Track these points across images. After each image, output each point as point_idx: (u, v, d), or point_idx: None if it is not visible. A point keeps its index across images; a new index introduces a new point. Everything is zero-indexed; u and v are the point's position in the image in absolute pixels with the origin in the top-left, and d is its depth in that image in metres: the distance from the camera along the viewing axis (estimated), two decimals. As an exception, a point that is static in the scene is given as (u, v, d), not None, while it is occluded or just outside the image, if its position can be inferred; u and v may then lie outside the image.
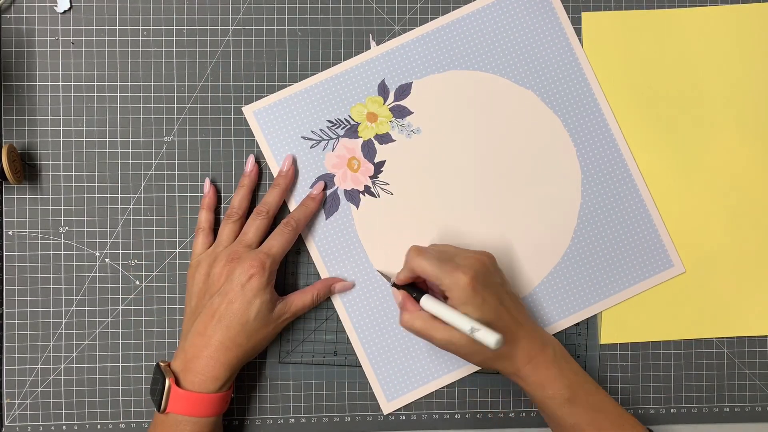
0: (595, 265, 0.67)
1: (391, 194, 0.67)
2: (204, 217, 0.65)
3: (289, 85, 0.67)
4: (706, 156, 0.69)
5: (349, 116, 0.66)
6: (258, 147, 0.67)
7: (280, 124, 0.66)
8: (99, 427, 0.66)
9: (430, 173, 0.67)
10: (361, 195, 0.67)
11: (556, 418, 0.60)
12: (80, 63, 0.66)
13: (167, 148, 0.67)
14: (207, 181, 0.66)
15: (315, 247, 0.66)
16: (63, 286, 0.66)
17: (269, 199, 0.64)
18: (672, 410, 0.69)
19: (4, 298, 0.66)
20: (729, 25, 0.69)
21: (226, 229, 0.64)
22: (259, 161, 0.66)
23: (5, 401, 0.66)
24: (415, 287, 0.61)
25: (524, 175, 0.67)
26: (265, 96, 0.67)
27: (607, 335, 0.68)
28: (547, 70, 0.67)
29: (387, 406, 0.67)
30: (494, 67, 0.67)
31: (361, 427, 0.68)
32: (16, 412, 0.66)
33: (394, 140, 0.67)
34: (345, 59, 0.67)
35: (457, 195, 0.67)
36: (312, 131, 0.66)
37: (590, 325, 0.68)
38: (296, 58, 0.67)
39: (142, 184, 0.66)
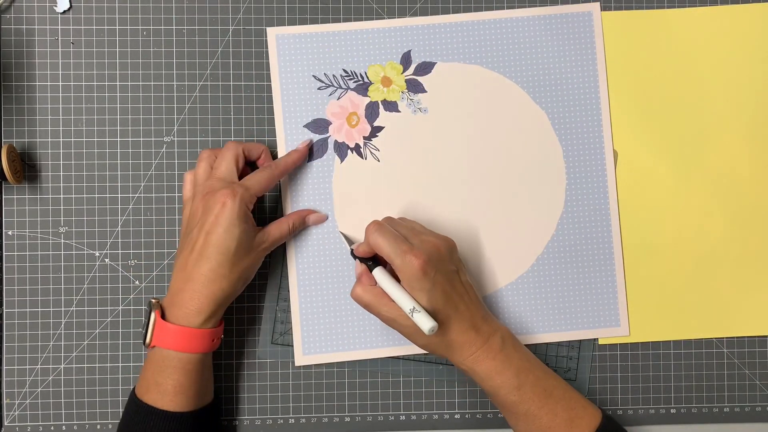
0: (551, 292, 0.67)
1: (378, 161, 0.67)
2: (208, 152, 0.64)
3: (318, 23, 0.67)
4: (706, 156, 0.69)
5: (365, 73, 0.66)
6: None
7: (298, 56, 0.66)
8: (99, 427, 0.66)
9: (422, 153, 0.67)
10: (349, 151, 0.66)
11: (507, 406, 0.60)
12: (80, 63, 0.66)
13: (167, 148, 0.67)
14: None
15: (288, 184, 0.66)
16: (63, 286, 0.66)
17: (252, 145, 0.64)
18: (672, 410, 0.69)
19: (4, 298, 0.66)
20: (729, 25, 0.69)
21: (202, 164, 0.62)
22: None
23: (5, 401, 0.66)
24: (374, 259, 0.61)
25: (510, 184, 0.67)
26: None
27: (607, 336, 0.68)
28: (565, 96, 0.67)
29: (301, 359, 0.66)
30: (517, 76, 0.67)
31: (361, 427, 0.68)
32: (16, 412, 0.66)
33: (399, 111, 0.67)
34: (345, 59, 0.67)
35: (442, 181, 0.67)
36: (325, 74, 0.66)
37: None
38: (296, 58, 0.67)
39: (142, 184, 0.66)
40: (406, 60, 0.67)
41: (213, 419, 0.63)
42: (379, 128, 0.67)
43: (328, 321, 0.66)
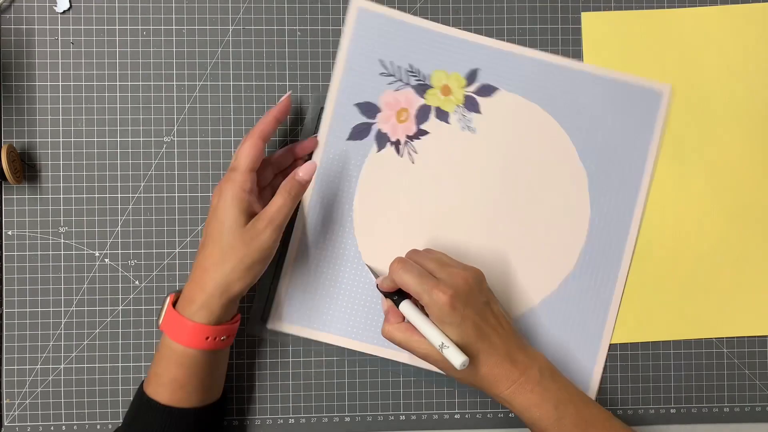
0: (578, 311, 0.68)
1: (413, 163, 0.66)
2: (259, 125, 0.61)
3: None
4: (705, 156, 0.69)
5: (429, 75, 0.66)
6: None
7: (371, 35, 0.66)
8: (99, 427, 0.66)
9: (456, 169, 0.67)
10: (389, 144, 0.66)
11: None
12: (80, 63, 0.66)
13: (167, 148, 0.67)
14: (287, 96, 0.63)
15: (322, 151, 0.66)
16: (63, 286, 0.66)
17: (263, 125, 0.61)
18: (672, 410, 0.69)
19: (4, 298, 0.66)
20: (729, 25, 0.69)
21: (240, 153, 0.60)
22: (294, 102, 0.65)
23: (5, 401, 0.66)
24: (400, 292, 0.60)
25: (532, 224, 0.67)
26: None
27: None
28: (610, 162, 0.67)
29: (276, 323, 0.66)
30: (571, 127, 0.67)
31: (361, 427, 0.68)
32: (16, 412, 0.66)
33: (449, 123, 0.67)
34: (345, 59, 0.67)
35: (466, 199, 0.67)
36: (391, 62, 0.66)
37: (590, 325, 0.68)
38: (296, 58, 0.67)
39: (142, 184, 0.66)
40: (471, 76, 0.66)
41: (215, 419, 0.63)
42: (424, 132, 0.66)
43: (314, 296, 0.66)
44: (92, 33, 0.66)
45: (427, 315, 0.58)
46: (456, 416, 0.68)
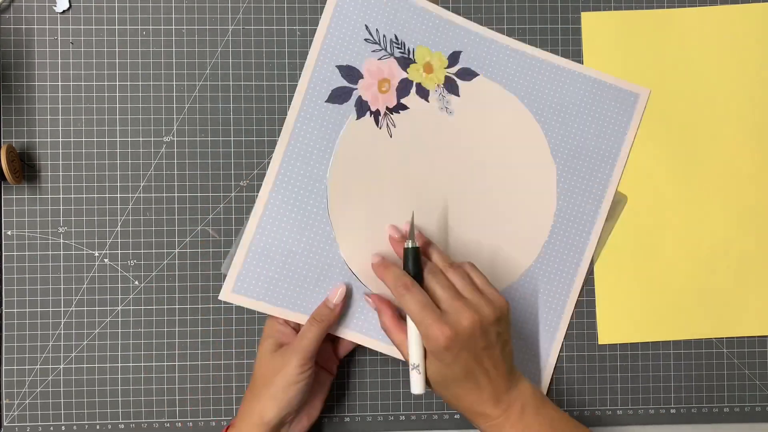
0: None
1: (390, 136, 0.66)
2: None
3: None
4: (705, 156, 0.69)
5: (413, 49, 0.66)
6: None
7: (359, 0, 0.65)
8: (98, 427, 0.66)
9: (431, 148, 0.66)
10: (368, 113, 0.66)
11: None
12: (79, 63, 0.66)
13: (167, 148, 0.67)
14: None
15: (295, 116, 0.64)
16: (62, 286, 0.66)
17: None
18: (672, 410, 0.69)
19: (3, 298, 0.66)
20: (729, 25, 0.69)
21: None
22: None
23: (4, 401, 0.66)
24: (418, 262, 0.59)
25: (498, 213, 0.67)
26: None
27: (606, 335, 0.68)
28: (580, 160, 0.67)
29: (227, 294, 0.63)
30: (545, 122, 0.67)
31: (361, 427, 0.67)
32: (15, 413, 0.66)
33: (428, 102, 0.66)
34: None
35: (438, 180, 0.66)
36: (377, 29, 0.65)
37: (588, 325, 0.68)
38: (296, 58, 0.67)
39: (142, 184, 0.66)
40: (454, 58, 0.66)
41: None
42: (404, 107, 0.66)
43: (273, 271, 0.64)
44: (92, 33, 0.66)
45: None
46: (456, 416, 0.68)
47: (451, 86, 0.67)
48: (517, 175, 0.67)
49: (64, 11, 0.66)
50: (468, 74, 0.67)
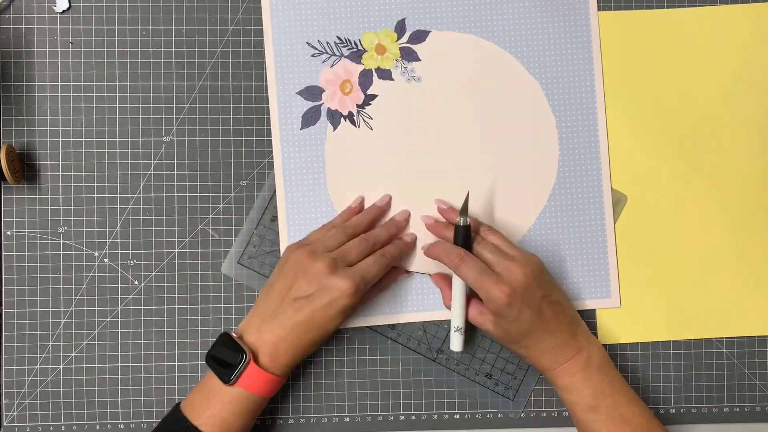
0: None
1: (371, 129, 0.67)
2: (357, 222, 0.64)
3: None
4: (706, 156, 0.69)
5: (359, 41, 0.66)
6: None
7: (291, 22, 0.66)
8: (98, 427, 0.66)
9: (415, 122, 0.67)
10: (342, 119, 0.66)
11: (579, 423, 0.62)
12: (79, 63, 0.66)
13: (166, 148, 0.67)
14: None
15: (279, 151, 0.66)
16: (62, 286, 0.66)
17: (379, 233, 0.64)
18: (672, 410, 0.69)
19: (3, 298, 0.66)
20: (730, 25, 0.69)
21: (337, 236, 0.62)
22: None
23: (4, 401, 0.66)
24: (469, 236, 0.62)
25: (503, 154, 0.67)
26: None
27: (607, 336, 0.68)
28: (557, 66, 0.67)
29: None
30: (512, 46, 0.67)
31: (361, 427, 0.67)
32: (15, 413, 0.66)
33: (393, 79, 0.67)
34: (344, 59, 0.67)
35: (434, 150, 0.67)
36: (318, 41, 0.66)
37: (588, 326, 0.68)
38: (296, 57, 0.67)
39: (141, 184, 0.66)
40: (400, 28, 0.67)
41: None
42: (373, 96, 0.67)
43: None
44: (91, 33, 0.66)
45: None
46: (456, 416, 0.68)
47: (408, 54, 0.67)
48: (506, 104, 0.67)
49: (63, 11, 0.66)
50: (420, 36, 0.67)
